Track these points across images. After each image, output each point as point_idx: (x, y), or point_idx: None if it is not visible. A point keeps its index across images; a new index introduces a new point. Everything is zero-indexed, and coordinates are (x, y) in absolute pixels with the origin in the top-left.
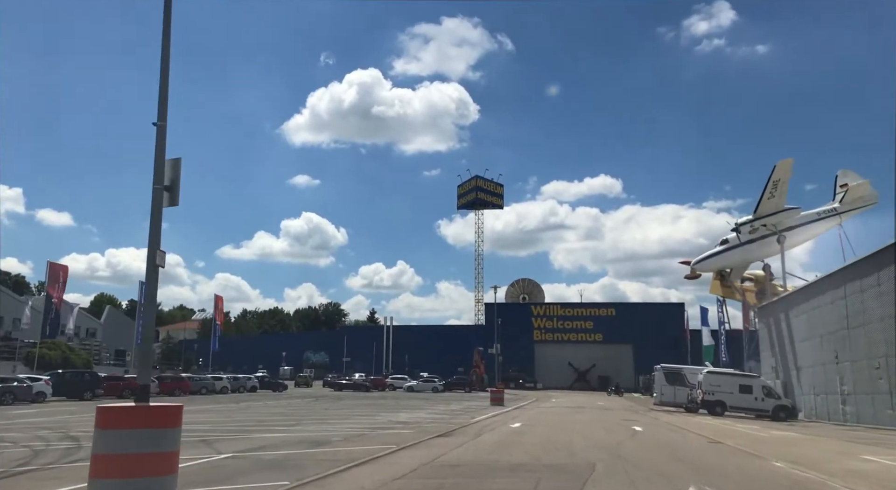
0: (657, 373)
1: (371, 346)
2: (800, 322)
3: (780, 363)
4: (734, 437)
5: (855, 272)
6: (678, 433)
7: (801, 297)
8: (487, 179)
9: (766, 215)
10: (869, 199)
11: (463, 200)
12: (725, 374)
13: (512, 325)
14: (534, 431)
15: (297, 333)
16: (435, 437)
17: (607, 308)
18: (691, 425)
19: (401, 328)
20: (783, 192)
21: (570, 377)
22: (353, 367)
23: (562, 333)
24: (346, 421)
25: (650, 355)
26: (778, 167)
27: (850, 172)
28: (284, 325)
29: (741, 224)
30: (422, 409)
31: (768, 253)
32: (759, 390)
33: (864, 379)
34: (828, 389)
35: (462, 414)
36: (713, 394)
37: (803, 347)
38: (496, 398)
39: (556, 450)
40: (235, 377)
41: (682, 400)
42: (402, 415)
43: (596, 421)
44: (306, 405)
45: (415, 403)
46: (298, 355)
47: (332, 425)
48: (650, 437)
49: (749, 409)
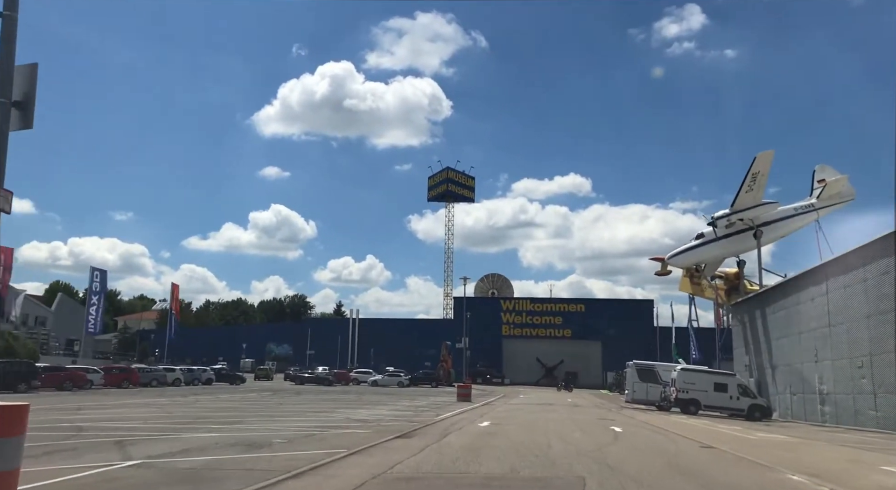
0: (629, 369)
1: (336, 339)
2: (776, 319)
3: (753, 361)
4: (723, 440)
5: (838, 268)
6: (663, 435)
7: (779, 294)
8: (458, 171)
9: (744, 209)
10: (846, 196)
11: (433, 192)
12: (700, 371)
13: (481, 319)
14: (505, 432)
15: (259, 325)
16: (393, 439)
17: (577, 304)
18: (671, 426)
19: (367, 321)
20: (761, 186)
21: (537, 373)
22: (317, 361)
23: (530, 329)
24: (298, 418)
25: (619, 352)
26: (758, 159)
27: (827, 168)
28: (248, 316)
29: (718, 218)
30: (384, 405)
31: (744, 248)
32: (735, 389)
33: (845, 378)
34: (805, 389)
35: (427, 411)
36: (687, 392)
37: (780, 345)
38: (463, 394)
39: (534, 456)
40: (190, 369)
41: (655, 398)
42: (362, 411)
43: (570, 420)
44: (260, 399)
45: (378, 399)
46: (261, 347)
47: (280, 423)
48: (634, 440)
49: (723, 408)
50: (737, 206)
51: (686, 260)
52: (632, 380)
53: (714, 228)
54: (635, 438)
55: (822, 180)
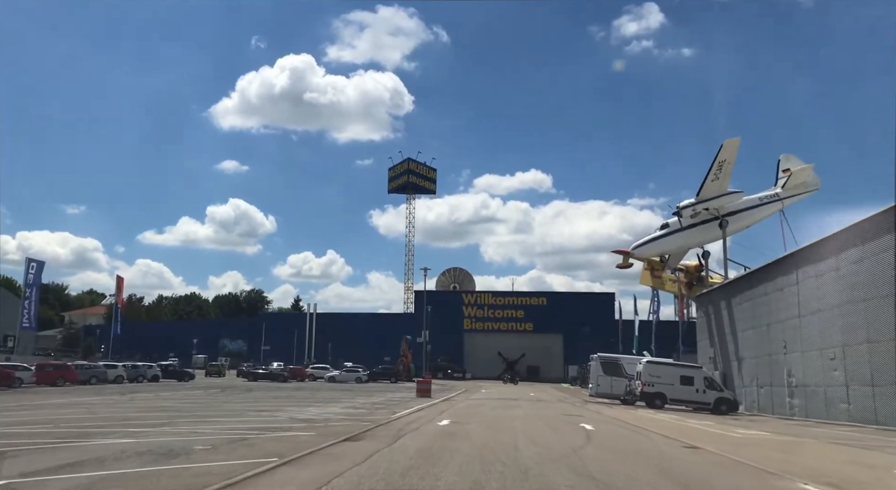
0: (593, 362)
1: (293, 334)
2: (742, 310)
3: (718, 353)
4: (704, 439)
5: (809, 257)
6: (638, 433)
7: (745, 285)
8: (420, 163)
9: (710, 198)
10: (811, 185)
11: (394, 184)
12: (666, 364)
13: (442, 313)
14: (467, 432)
15: (213, 320)
16: (339, 443)
17: (538, 297)
18: (643, 422)
19: (325, 316)
20: (727, 175)
21: (499, 367)
22: (274, 357)
23: (492, 323)
24: (237, 419)
25: (580, 345)
26: (724, 147)
27: (792, 157)
28: (202, 312)
29: (683, 207)
30: (337, 403)
31: (710, 238)
32: (701, 382)
33: (815, 370)
34: (773, 381)
35: (383, 408)
36: (653, 385)
37: (746, 337)
38: (422, 390)
39: (501, 464)
40: (135, 365)
41: (620, 392)
42: (312, 410)
43: (536, 416)
44: (204, 397)
45: (332, 395)
46: (214, 343)
47: (214, 425)
48: (610, 439)
49: (690, 402)
50: (702, 196)
51: (651, 250)
52: (596, 373)
53: (679, 218)
54: (610, 438)
55: (786, 170)
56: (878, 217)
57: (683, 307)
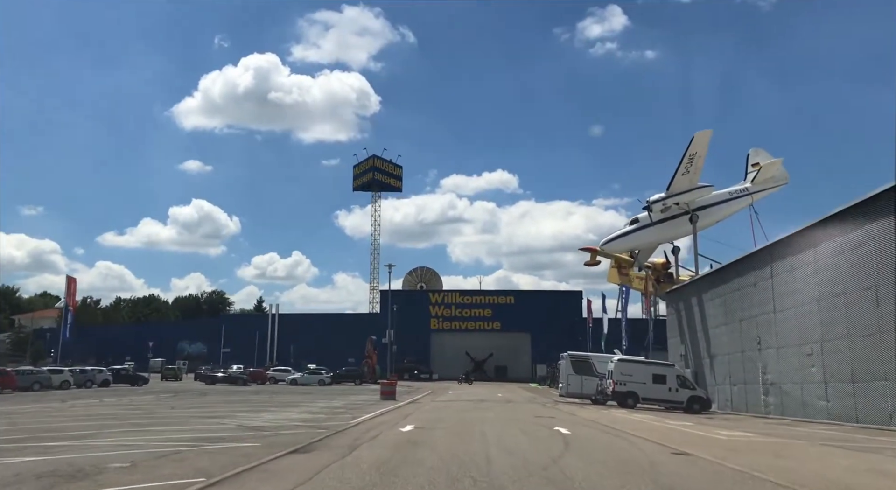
0: (563, 361)
1: (254, 336)
2: (714, 306)
3: (690, 351)
4: (690, 442)
5: (784, 250)
6: (620, 438)
7: (717, 280)
8: (385, 160)
9: (680, 193)
10: (780, 179)
11: (359, 181)
12: (638, 362)
13: (408, 313)
14: (432, 440)
15: (171, 322)
16: (284, 456)
17: (506, 296)
18: (620, 424)
19: (288, 317)
20: (698, 168)
21: (467, 367)
22: (235, 359)
23: (460, 322)
24: (177, 428)
25: (548, 344)
26: (696, 139)
27: (761, 151)
28: (161, 314)
29: (653, 202)
30: (295, 408)
31: (680, 233)
32: (674, 380)
33: (791, 367)
34: (747, 378)
35: (343, 412)
36: (624, 384)
37: (718, 333)
38: (387, 391)
39: (472, 481)
40: (83, 370)
41: (591, 391)
42: (265, 416)
43: (507, 419)
44: (153, 403)
45: (291, 399)
46: (173, 346)
47: (147, 436)
48: (590, 446)
49: (662, 401)
50: (672, 190)
51: (620, 246)
52: (566, 372)
53: (649, 213)
54: (591, 444)
55: (755, 164)
56: (860, 206)
57: (649, 305)
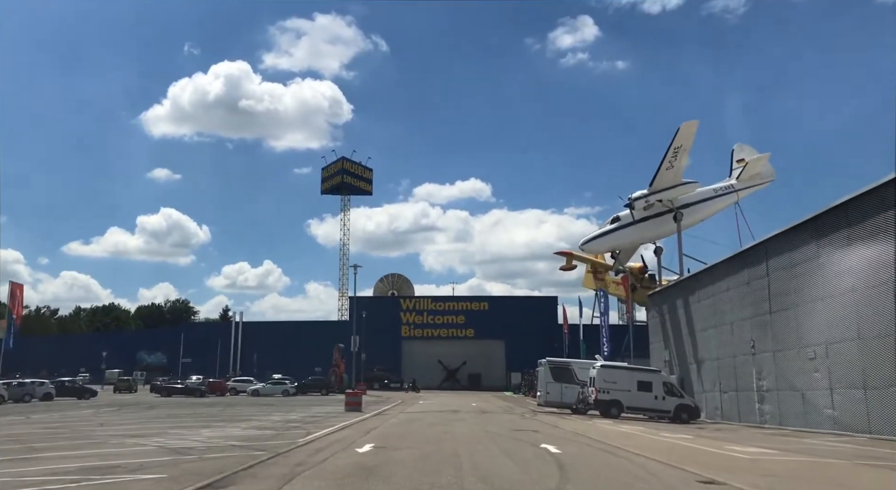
0: (542, 368)
1: (217, 345)
2: (702, 308)
3: (675, 356)
4: (707, 463)
5: (781, 246)
6: (623, 459)
7: (705, 280)
8: (355, 162)
9: (664, 189)
10: (766, 176)
11: (327, 184)
12: (622, 368)
13: (378, 320)
14: (392, 465)
15: (129, 332)
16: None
17: (480, 302)
18: (612, 438)
19: (253, 325)
20: (682, 163)
21: (439, 376)
22: (197, 370)
23: (432, 329)
24: (79, 452)
25: (523, 351)
26: (681, 131)
27: (746, 147)
28: (121, 323)
29: (635, 199)
30: (244, 422)
31: (663, 232)
32: (660, 388)
33: (791, 372)
34: (739, 385)
35: (296, 428)
36: (608, 392)
37: (706, 337)
38: (352, 403)
39: None
40: (21, 383)
41: (571, 400)
42: (205, 433)
43: (483, 434)
44: (83, 420)
45: (245, 412)
46: (132, 356)
47: (22, 467)
48: (591, 471)
49: (648, 410)
50: (656, 186)
51: (601, 246)
52: (545, 380)
53: (631, 211)
54: (589, 468)
55: (741, 160)
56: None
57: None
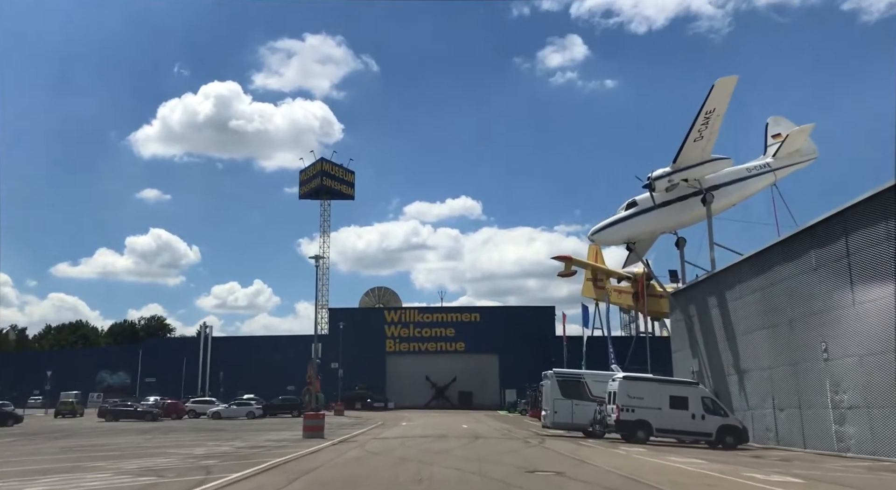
0: (547, 381)
1: (182, 362)
2: (745, 305)
3: (706, 366)
4: None
5: (869, 215)
6: None
7: (750, 270)
8: (335, 164)
9: (690, 166)
10: (808, 153)
11: (306, 188)
12: (650, 380)
13: (361, 334)
14: None
15: (88, 350)
16: None
17: (471, 313)
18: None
19: (224, 340)
20: (714, 133)
21: (427, 394)
22: (160, 389)
23: (419, 343)
24: None
25: (518, 366)
26: (716, 88)
27: (782, 119)
28: (90, 341)
29: (656, 178)
30: (149, 458)
31: (688, 219)
32: (698, 404)
33: (884, 383)
34: (803, 401)
35: (209, 468)
36: (632, 410)
37: (752, 341)
38: (311, 427)
39: None
40: None
41: (584, 420)
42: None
43: (479, 480)
44: None
45: (176, 441)
46: (92, 376)
47: None
48: None
49: (683, 433)
50: (681, 162)
51: (614, 235)
52: (552, 396)
53: (651, 192)
54: None
55: (777, 135)
56: None
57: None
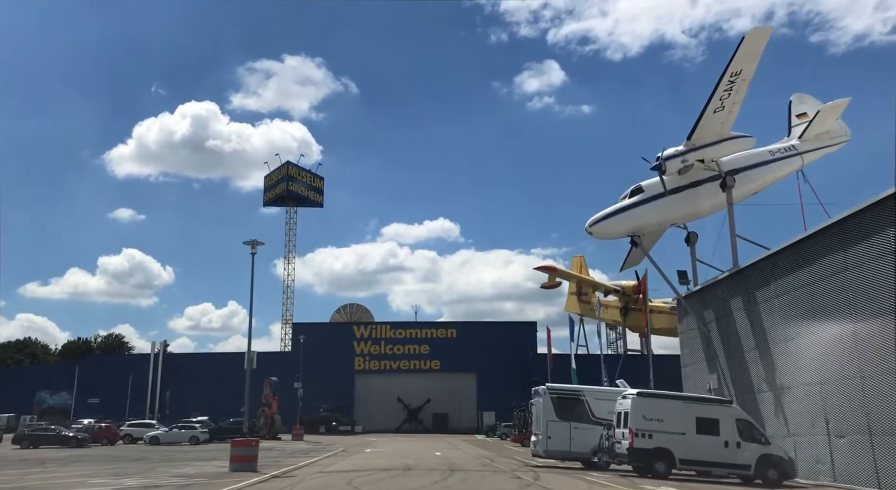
0: (539, 398)
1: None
2: (783, 306)
3: (727, 382)
4: None
5: None
6: None
7: (790, 262)
8: (302, 168)
9: (707, 144)
10: (839, 134)
11: (271, 194)
12: (671, 397)
13: (327, 351)
14: None
15: (25, 368)
16: None
17: (447, 328)
18: None
19: (177, 357)
20: (737, 103)
21: (398, 416)
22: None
23: (390, 361)
24: None
25: (498, 386)
26: (745, 43)
27: (807, 97)
28: (39, 360)
29: (667, 158)
30: None
31: (704, 208)
32: (732, 428)
33: None
34: (875, 425)
35: None
36: (650, 436)
37: (796, 349)
38: (241, 457)
39: None
40: None
41: (584, 448)
42: None
43: None
44: None
45: (85, 472)
46: (30, 397)
47: None
48: None
49: (713, 465)
50: (696, 139)
51: (616, 226)
52: (545, 417)
53: (661, 175)
54: None
55: (802, 115)
56: None
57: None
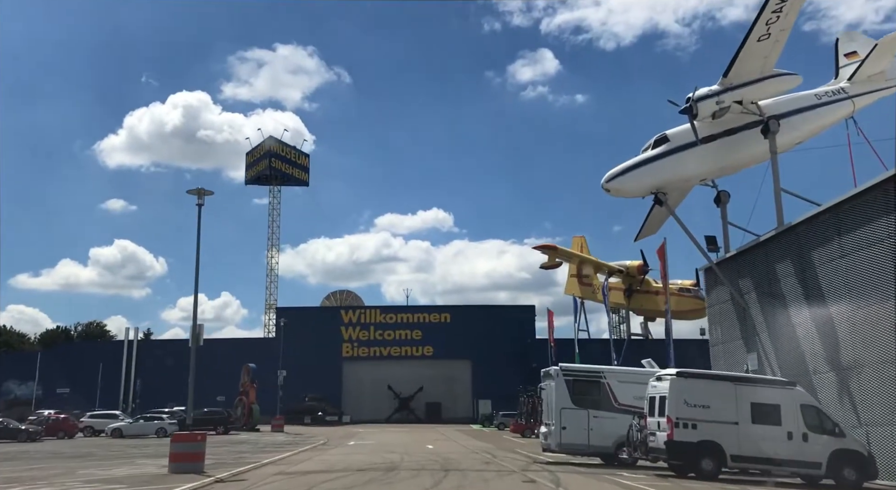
0: (551, 381)
1: (98, 370)
2: (853, 265)
3: (774, 362)
4: None
5: None
6: None
7: (866, 209)
8: (286, 144)
9: (745, 84)
10: (894, 76)
11: (253, 172)
12: (719, 378)
13: (313, 337)
14: None
15: None
16: None
17: (441, 313)
18: None
19: (152, 344)
20: (785, 31)
21: (389, 405)
22: (75, 402)
23: (381, 347)
24: None
25: (494, 373)
26: None
27: (858, 34)
28: (13, 349)
29: (699, 99)
30: None
31: (742, 159)
32: (797, 416)
33: None
34: None
35: None
36: (693, 425)
37: (869, 319)
38: (182, 455)
39: None
40: None
41: (605, 441)
42: None
43: None
44: None
45: None
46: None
47: None
48: None
49: (774, 463)
50: (734, 77)
51: (637, 183)
52: (558, 404)
53: (692, 120)
54: None
55: (851, 53)
56: None
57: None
